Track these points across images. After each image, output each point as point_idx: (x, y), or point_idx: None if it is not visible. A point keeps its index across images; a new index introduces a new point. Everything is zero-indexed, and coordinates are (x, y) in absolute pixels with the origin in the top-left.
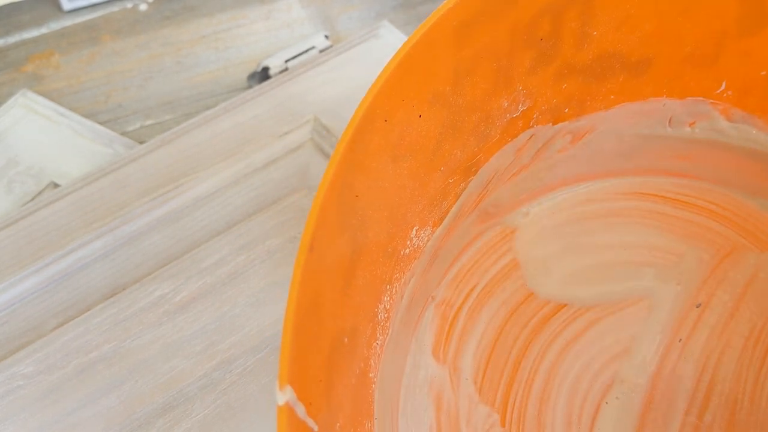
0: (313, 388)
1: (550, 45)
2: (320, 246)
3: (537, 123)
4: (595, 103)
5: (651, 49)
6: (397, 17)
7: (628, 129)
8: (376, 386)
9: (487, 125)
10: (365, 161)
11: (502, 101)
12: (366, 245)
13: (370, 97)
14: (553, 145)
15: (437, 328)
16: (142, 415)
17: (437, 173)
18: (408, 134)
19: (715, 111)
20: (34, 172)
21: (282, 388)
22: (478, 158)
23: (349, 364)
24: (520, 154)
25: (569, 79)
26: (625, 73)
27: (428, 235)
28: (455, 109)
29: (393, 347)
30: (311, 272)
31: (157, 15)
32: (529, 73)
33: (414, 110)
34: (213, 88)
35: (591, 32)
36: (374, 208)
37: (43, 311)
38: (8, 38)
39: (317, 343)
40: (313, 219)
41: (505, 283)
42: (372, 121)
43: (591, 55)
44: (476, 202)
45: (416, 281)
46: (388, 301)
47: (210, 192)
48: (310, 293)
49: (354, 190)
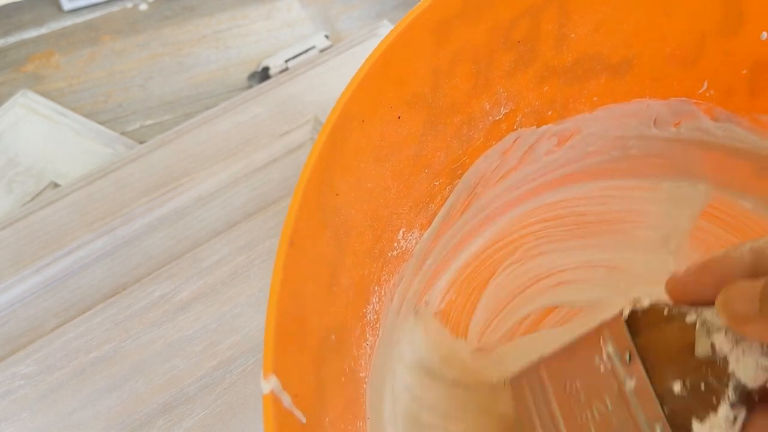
0: (300, 380)
1: (528, 47)
2: (301, 241)
3: (521, 126)
4: (578, 105)
5: (631, 50)
6: (398, 17)
7: (614, 131)
8: (367, 387)
9: (470, 128)
10: (345, 161)
11: (484, 103)
12: (350, 244)
13: (345, 96)
14: (539, 147)
15: (429, 330)
16: (143, 415)
17: (422, 175)
18: (389, 135)
19: (698, 111)
20: (35, 172)
21: (266, 377)
22: (463, 161)
23: (338, 362)
24: (506, 157)
25: (550, 81)
26: (606, 74)
27: (416, 237)
28: (436, 111)
29: (384, 349)
30: (293, 267)
31: (157, 15)
32: (508, 75)
33: (393, 111)
34: (213, 87)
35: (569, 34)
36: (357, 208)
37: (43, 311)
38: (8, 38)
39: (303, 337)
40: (292, 214)
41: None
42: (349, 121)
43: (571, 57)
44: (465, 206)
45: (406, 284)
46: (377, 303)
47: (210, 192)
48: (292, 287)
49: (334, 188)
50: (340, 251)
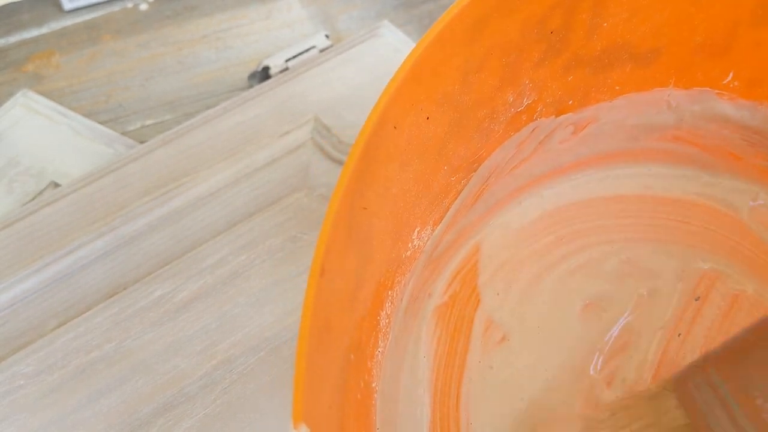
0: (324, 416)
1: (559, 38)
2: (331, 269)
3: (541, 116)
4: (600, 94)
5: (661, 39)
6: (398, 17)
7: (631, 119)
8: (377, 395)
9: (492, 121)
10: (375, 171)
11: (508, 96)
12: (371, 255)
13: (381, 104)
14: (554, 136)
15: (434, 326)
16: (143, 415)
17: (441, 173)
18: (415, 138)
19: (720, 100)
20: (35, 172)
21: (297, 427)
22: (480, 154)
23: (356, 380)
24: (521, 147)
25: (576, 71)
26: (632, 63)
27: (428, 234)
28: (462, 107)
29: (393, 351)
30: (323, 298)
31: (157, 14)
32: (537, 67)
33: (422, 113)
34: (213, 87)
35: (601, 23)
36: (380, 216)
37: (43, 311)
38: (9, 38)
39: (328, 369)
40: (323, 240)
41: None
42: (383, 129)
43: (599, 47)
44: (476, 198)
45: (415, 281)
46: (389, 307)
47: (210, 192)
48: (320, 319)
49: (363, 201)
50: (361, 265)
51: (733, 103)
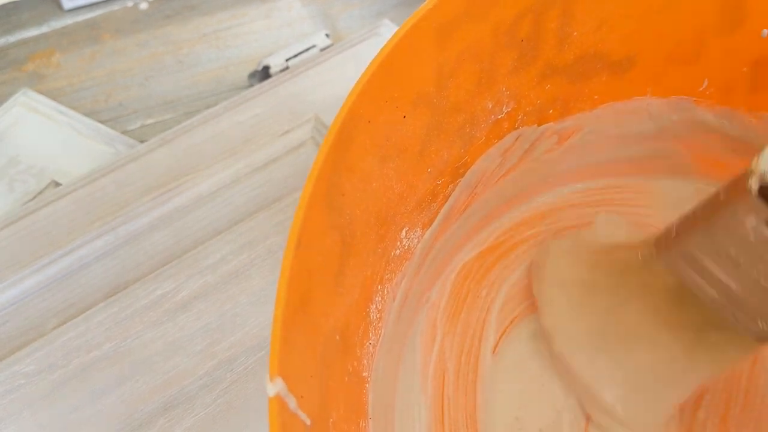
0: (306, 382)
1: (531, 46)
2: (308, 242)
3: (522, 124)
4: (579, 103)
5: (632, 48)
6: (398, 15)
7: (614, 128)
8: (369, 386)
9: (473, 126)
10: (351, 161)
11: (486, 102)
12: (355, 244)
13: (352, 97)
14: (539, 146)
15: (430, 331)
16: (143, 414)
17: (425, 174)
18: (393, 135)
19: (698, 109)
20: (35, 171)
21: (272, 380)
22: (465, 159)
23: (342, 362)
24: (507, 156)
25: (552, 79)
26: (607, 72)
27: (418, 236)
28: (440, 110)
29: (387, 349)
30: (300, 268)
31: (157, 14)
32: (511, 74)
33: (398, 111)
34: (214, 86)
35: (571, 32)
36: (362, 208)
37: (44, 310)
38: (9, 37)
39: (308, 338)
40: (300, 216)
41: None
42: (356, 122)
43: (572, 56)
44: (465, 205)
45: (408, 283)
46: (380, 302)
47: (211, 191)
48: (299, 288)
49: (340, 188)
50: (345, 251)
51: (711, 111)
